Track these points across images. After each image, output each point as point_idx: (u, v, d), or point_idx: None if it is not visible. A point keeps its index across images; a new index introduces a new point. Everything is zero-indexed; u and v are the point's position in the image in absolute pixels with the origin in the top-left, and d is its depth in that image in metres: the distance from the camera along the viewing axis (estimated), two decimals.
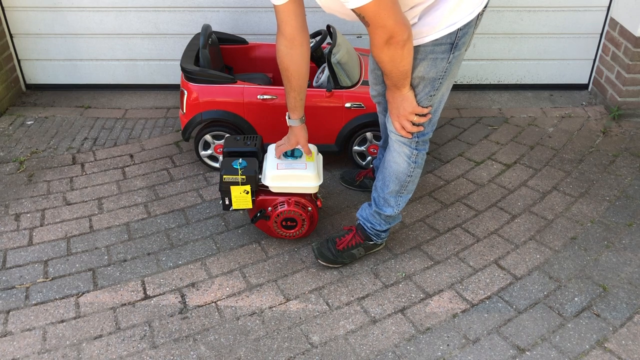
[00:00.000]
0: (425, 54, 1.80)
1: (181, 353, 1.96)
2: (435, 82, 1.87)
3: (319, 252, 2.30)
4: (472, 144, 3.11)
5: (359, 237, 2.29)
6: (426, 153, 2.09)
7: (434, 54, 1.80)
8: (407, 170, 2.08)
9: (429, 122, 1.99)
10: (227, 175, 2.25)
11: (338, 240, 2.30)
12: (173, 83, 3.64)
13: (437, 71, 1.84)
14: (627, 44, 3.22)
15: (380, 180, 2.17)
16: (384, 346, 1.98)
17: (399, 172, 2.09)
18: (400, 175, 2.10)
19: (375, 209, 2.22)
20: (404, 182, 2.11)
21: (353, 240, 2.28)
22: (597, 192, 2.73)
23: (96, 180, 2.83)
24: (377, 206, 2.20)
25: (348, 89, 2.68)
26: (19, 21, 3.45)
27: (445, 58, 1.81)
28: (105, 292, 2.20)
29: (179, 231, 2.50)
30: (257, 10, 3.41)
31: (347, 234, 2.31)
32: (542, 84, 3.68)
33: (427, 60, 1.81)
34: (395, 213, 2.19)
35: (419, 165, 2.09)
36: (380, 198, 2.18)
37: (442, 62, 1.82)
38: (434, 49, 1.79)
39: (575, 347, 1.97)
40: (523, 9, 3.42)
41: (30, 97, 3.62)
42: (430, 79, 1.86)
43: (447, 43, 1.79)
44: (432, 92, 1.89)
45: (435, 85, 1.88)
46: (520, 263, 2.33)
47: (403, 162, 2.07)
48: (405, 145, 2.03)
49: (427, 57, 1.80)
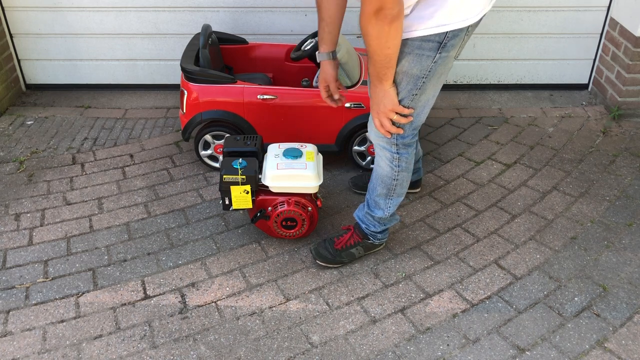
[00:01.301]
0: (411, 48, 1.78)
1: (181, 353, 1.96)
2: (419, 81, 1.84)
3: (316, 253, 2.30)
4: (472, 144, 3.11)
5: (357, 236, 2.29)
6: (411, 157, 2.06)
7: (420, 50, 1.78)
8: (391, 174, 2.07)
9: (410, 125, 1.96)
10: (227, 175, 2.25)
11: (336, 240, 2.30)
12: (173, 83, 3.64)
13: (422, 69, 1.81)
14: (627, 44, 3.22)
15: (371, 182, 2.18)
16: (384, 346, 1.98)
17: (384, 176, 2.09)
18: (385, 179, 2.10)
19: (367, 211, 2.23)
20: (390, 185, 2.11)
21: (351, 240, 2.28)
22: (597, 192, 2.73)
23: (96, 180, 2.83)
24: (369, 208, 2.22)
25: (348, 89, 2.68)
26: (19, 21, 3.45)
27: (431, 56, 1.79)
28: (105, 292, 2.20)
29: (179, 231, 2.51)
30: (257, 10, 3.41)
31: (345, 234, 2.31)
32: (542, 84, 3.68)
33: (412, 55, 1.79)
34: (385, 215, 2.19)
35: (404, 168, 2.07)
36: (371, 200, 2.20)
37: (428, 60, 1.79)
38: (422, 44, 1.77)
39: (575, 347, 1.97)
40: (523, 9, 3.42)
41: (30, 97, 3.62)
42: (414, 76, 1.83)
43: (436, 41, 1.76)
44: (414, 90, 1.86)
45: (418, 84, 1.84)
46: (520, 263, 2.33)
47: (386, 166, 2.07)
48: (386, 149, 2.02)
49: (413, 51, 1.78)
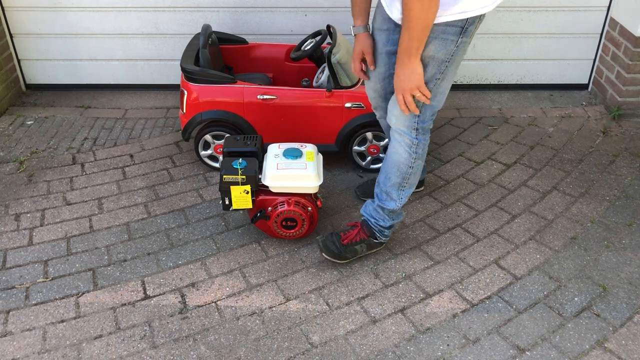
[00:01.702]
0: (437, 34, 1.87)
1: (181, 353, 1.96)
2: (442, 65, 1.94)
3: (324, 245, 2.30)
4: (472, 144, 3.11)
5: (364, 233, 2.30)
6: (427, 145, 2.14)
7: (445, 35, 1.88)
8: (408, 161, 2.12)
9: (431, 109, 2.04)
10: (227, 175, 2.25)
11: (343, 235, 2.30)
12: (173, 83, 3.64)
13: (446, 52, 1.92)
14: (627, 44, 3.22)
15: (383, 173, 2.20)
16: (384, 346, 1.98)
17: (400, 163, 2.13)
18: (401, 167, 2.13)
19: (378, 204, 2.24)
20: (405, 173, 2.15)
21: (358, 236, 2.30)
22: (597, 192, 2.73)
23: (96, 180, 2.83)
24: (380, 200, 2.23)
25: (348, 89, 2.68)
26: (19, 21, 3.45)
27: (454, 41, 1.90)
28: (105, 292, 2.20)
29: (179, 231, 2.51)
30: (257, 10, 3.41)
31: (352, 229, 2.32)
32: (542, 84, 3.68)
33: (438, 39, 1.88)
34: (397, 207, 2.22)
35: (420, 156, 2.13)
36: (382, 192, 2.21)
37: (451, 45, 1.91)
38: (446, 29, 1.87)
39: (575, 347, 1.97)
40: (523, 9, 3.42)
41: (30, 97, 3.62)
42: (439, 60, 1.92)
43: (458, 26, 1.88)
44: (438, 75, 1.96)
45: (441, 69, 1.94)
46: (520, 263, 2.33)
47: (404, 152, 2.11)
48: (406, 134, 2.08)
49: (439, 36, 1.88)
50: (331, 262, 2.31)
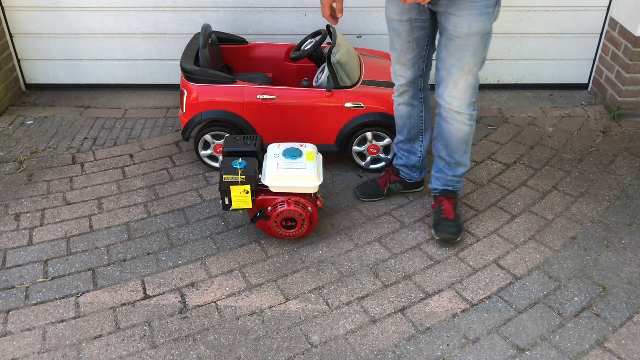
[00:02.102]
0: (481, 10, 2.06)
1: (181, 353, 1.96)
2: (490, 37, 2.14)
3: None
4: (472, 144, 3.11)
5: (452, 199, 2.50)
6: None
7: (487, 9, 2.07)
8: (470, 130, 2.34)
9: (476, 85, 2.24)
10: (227, 175, 2.25)
11: (449, 217, 2.45)
12: (173, 83, 3.64)
13: (490, 23, 2.12)
14: (627, 44, 3.22)
15: (444, 151, 2.40)
16: (384, 346, 1.98)
17: (466, 135, 2.34)
18: (467, 138, 2.35)
19: (452, 175, 2.44)
20: (468, 140, 2.37)
21: (453, 207, 2.47)
22: (597, 192, 2.73)
23: (96, 180, 2.83)
24: (453, 170, 2.44)
25: (348, 89, 2.69)
26: (19, 21, 3.45)
27: (493, 12, 2.11)
28: (105, 292, 2.20)
29: (179, 231, 2.51)
30: (257, 10, 3.41)
31: (448, 203, 2.48)
32: (542, 84, 3.68)
33: (484, 15, 2.07)
34: (468, 168, 2.47)
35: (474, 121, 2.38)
36: (454, 163, 2.42)
37: (491, 17, 2.11)
38: (487, 3, 2.07)
39: (575, 347, 1.97)
40: (523, 9, 3.42)
41: (30, 97, 3.63)
42: (489, 32, 2.13)
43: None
44: (487, 50, 2.16)
45: (489, 40, 2.15)
46: (520, 263, 2.33)
47: (466, 126, 2.31)
48: (467, 113, 2.27)
49: (483, 12, 2.07)
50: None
